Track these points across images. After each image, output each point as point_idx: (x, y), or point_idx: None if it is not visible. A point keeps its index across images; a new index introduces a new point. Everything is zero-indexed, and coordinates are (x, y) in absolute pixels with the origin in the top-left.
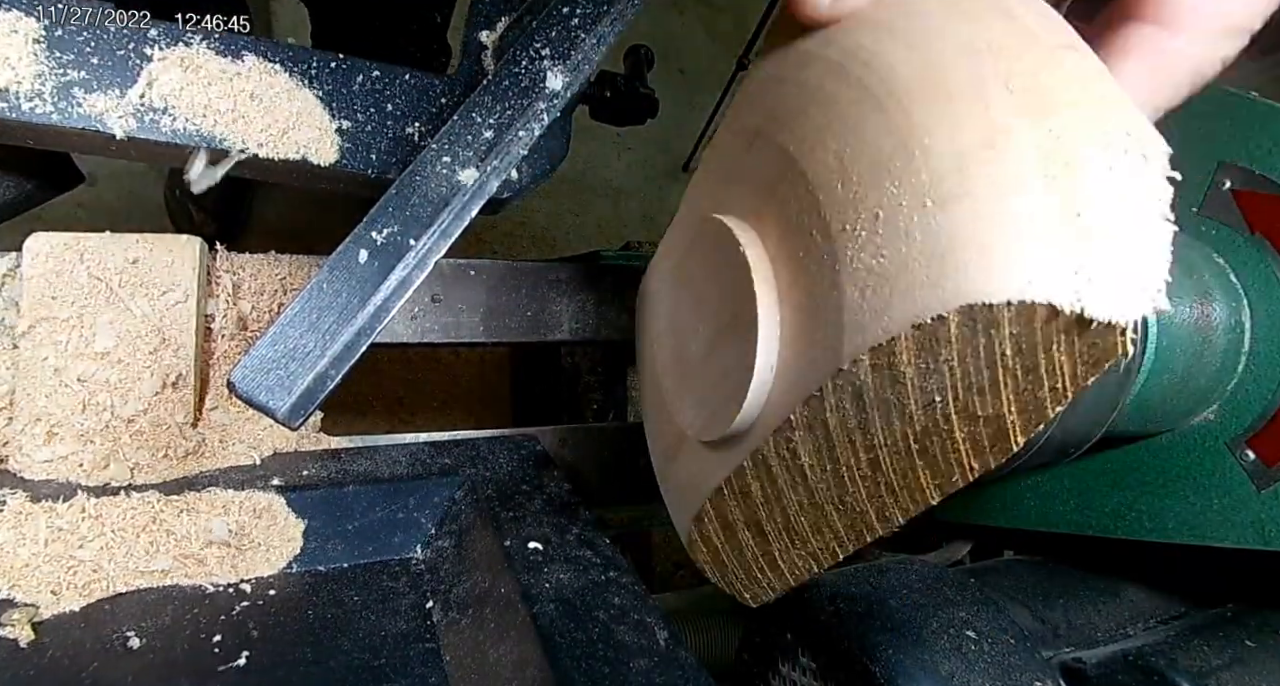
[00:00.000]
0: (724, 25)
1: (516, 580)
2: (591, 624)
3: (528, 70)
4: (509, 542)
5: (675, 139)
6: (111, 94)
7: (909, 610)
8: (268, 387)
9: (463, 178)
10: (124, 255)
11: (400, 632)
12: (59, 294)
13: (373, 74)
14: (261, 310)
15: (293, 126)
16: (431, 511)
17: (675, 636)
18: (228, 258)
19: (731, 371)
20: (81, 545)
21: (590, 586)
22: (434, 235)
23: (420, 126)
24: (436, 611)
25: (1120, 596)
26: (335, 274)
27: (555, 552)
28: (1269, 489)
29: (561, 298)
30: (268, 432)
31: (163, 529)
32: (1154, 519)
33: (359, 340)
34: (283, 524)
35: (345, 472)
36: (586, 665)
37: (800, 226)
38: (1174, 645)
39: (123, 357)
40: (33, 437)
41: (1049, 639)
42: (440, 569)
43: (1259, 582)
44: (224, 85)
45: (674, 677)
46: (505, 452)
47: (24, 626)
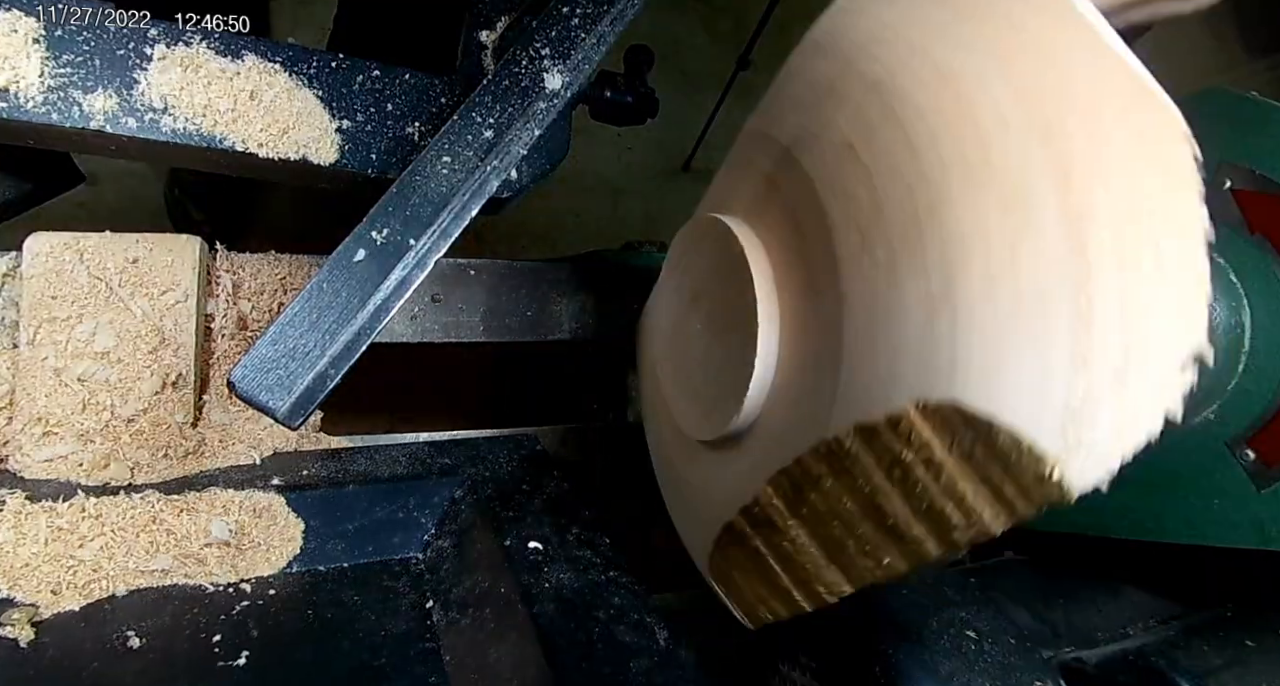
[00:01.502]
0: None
1: (516, 580)
2: (591, 624)
3: (528, 70)
4: (509, 542)
5: (675, 139)
6: (111, 94)
7: (909, 610)
8: (268, 387)
9: (463, 177)
10: (124, 255)
11: (400, 632)
12: (59, 294)
13: (373, 74)
14: (261, 310)
15: (293, 126)
16: (431, 511)
17: (675, 636)
18: (228, 257)
19: (731, 371)
20: (81, 545)
21: (590, 586)
22: (434, 235)
23: (420, 126)
24: (436, 611)
25: (1120, 596)
26: (335, 274)
27: (555, 552)
28: (1269, 489)
29: (561, 298)
30: (268, 432)
31: (163, 529)
32: (1154, 519)
33: (359, 340)
34: (283, 524)
35: (345, 472)
36: (586, 665)
37: (806, 233)
38: (1174, 645)
39: (123, 357)
40: (33, 437)
41: (1049, 639)
42: (440, 569)
43: (1259, 582)
44: (224, 85)
45: (674, 677)
46: (505, 452)
47: (24, 626)
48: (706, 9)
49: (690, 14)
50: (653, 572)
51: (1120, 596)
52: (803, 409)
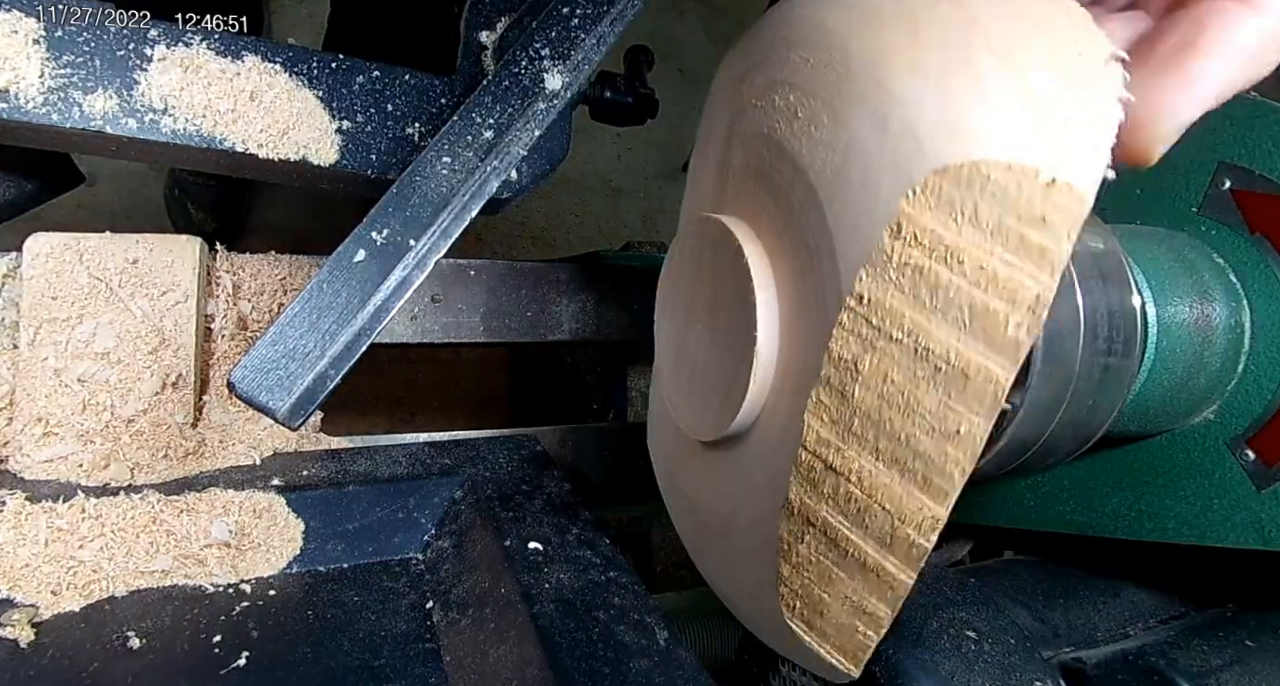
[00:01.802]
0: (724, 25)
1: (516, 580)
2: (591, 624)
3: (528, 70)
4: (509, 542)
5: (675, 139)
6: (111, 94)
7: (909, 610)
8: (268, 387)
9: (463, 178)
10: (124, 255)
11: (400, 632)
12: (59, 294)
13: (373, 74)
14: (261, 310)
15: (293, 127)
16: (431, 511)
17: (675, 636)
18: (228, 258)
19: (731, 371)
20: (81, 545)
21: (590, 586)
22: (434, 235)
23: (420, 126)
24: (436, 611)
25: (1120, 596)
26: (335, 274)
27: (555, 552)
28: (1269, 489)
29: (561, 298)
30: (268, 432)
31: (163, 529)
32: (1154, 519)
33: (359, 340)
34: (283, 524)
35: (345, 472)
36: (586, 665)
37: (799, 223)
38: (1174, 645)
39: (123, 358)
40: (33, 437)
41: (1049, 639)
42: (440, 569)
43: (1259, 582)
44: (224, 85)
45: (674, 677)
46: (505, 452)
47: (24, 626)
48: (706, 9)
49: (690, 14)
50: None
51: (1120, 596)
52: (811, 330)
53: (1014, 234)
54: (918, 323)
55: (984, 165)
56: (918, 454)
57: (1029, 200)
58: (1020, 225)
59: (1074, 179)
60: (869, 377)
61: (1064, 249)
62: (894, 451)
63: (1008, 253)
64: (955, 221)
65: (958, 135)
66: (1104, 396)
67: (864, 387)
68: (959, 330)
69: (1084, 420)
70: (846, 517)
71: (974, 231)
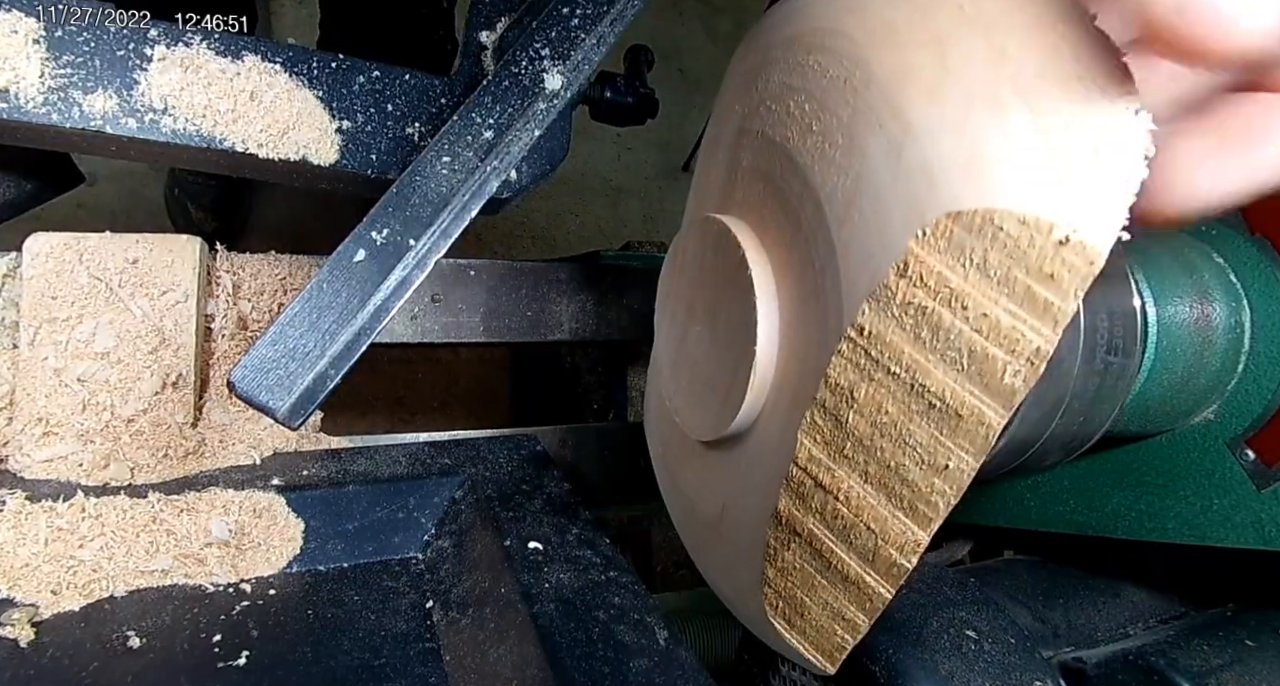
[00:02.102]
0: (724, 25)
1: (516, 580)
2: (591, 624)
3: (528, 70)
4: (509, 542)
5: (675, 139)
6: (111, 94)
7: (909, 610)
8: (268, 387)
9: (463, 178)
10: (124, 255)
11: (400, 632)
12: (59, 294)
13: (373, 74)
14: (261, 310)
15: (293, 126)
16: (431, 511)
17: (675, 636)
18: (228, 258)
19: (731, 373)
20: (81, 545)
21: (590, 586)
22: (434, 235)
23: (420, 126)
24: (436, 611)
25: (1120, 596)
26: (335, 274)
27: (555, 552)
28: (1269, 489)
29: (561, 298)
30: (268, 432)
31: (163, 529)
32: (1154, 519)
33: (359, 340)
34: (283, 524)
35: (345, 472)
36: (586, 665)
37: (806, 239)
38: (1174, 645)
39: (123, 358)
40: (33, 437)
41: (1049, 639)
42: (440, 569)
43: (1259, 582)
44: (224, 85)
45: (674, 677)
46: (505, 452)
47: (24, 626)
48: (706, 9)
49: (690, 14)
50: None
51: (1120, 596)
52: (811, 339)
53: (1021, 286)
54: (916, 360)
55: (998, 215)
56: (906, 482)
57: (1040, 255)
58: (1028, 278)
59: (1089, 238)
60: (864, 406)
61: (1070, 306)
62: (883, 477)
63: (1013, 304)
64: (963, 266)
65: (973, 178)
66: (1104, 397)
67: (858, 414)
68: (957, 372)
69: (1084, 420)
70: (832, 532)
71: (981, 279)
